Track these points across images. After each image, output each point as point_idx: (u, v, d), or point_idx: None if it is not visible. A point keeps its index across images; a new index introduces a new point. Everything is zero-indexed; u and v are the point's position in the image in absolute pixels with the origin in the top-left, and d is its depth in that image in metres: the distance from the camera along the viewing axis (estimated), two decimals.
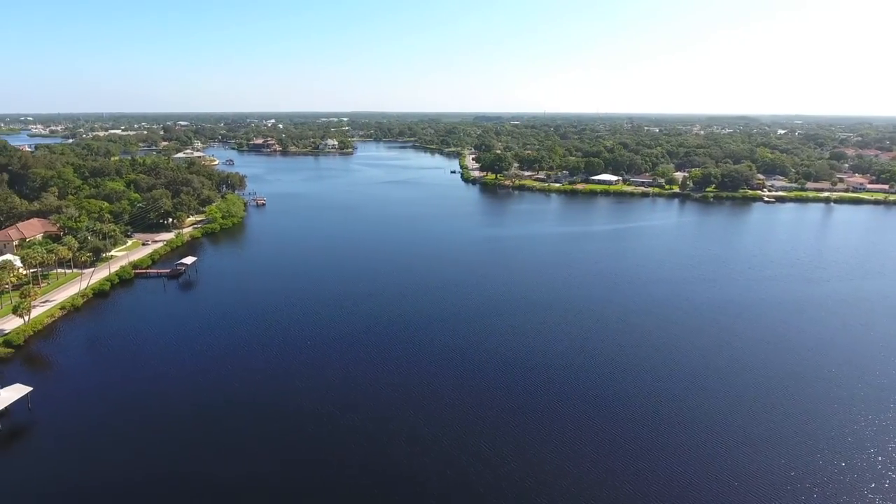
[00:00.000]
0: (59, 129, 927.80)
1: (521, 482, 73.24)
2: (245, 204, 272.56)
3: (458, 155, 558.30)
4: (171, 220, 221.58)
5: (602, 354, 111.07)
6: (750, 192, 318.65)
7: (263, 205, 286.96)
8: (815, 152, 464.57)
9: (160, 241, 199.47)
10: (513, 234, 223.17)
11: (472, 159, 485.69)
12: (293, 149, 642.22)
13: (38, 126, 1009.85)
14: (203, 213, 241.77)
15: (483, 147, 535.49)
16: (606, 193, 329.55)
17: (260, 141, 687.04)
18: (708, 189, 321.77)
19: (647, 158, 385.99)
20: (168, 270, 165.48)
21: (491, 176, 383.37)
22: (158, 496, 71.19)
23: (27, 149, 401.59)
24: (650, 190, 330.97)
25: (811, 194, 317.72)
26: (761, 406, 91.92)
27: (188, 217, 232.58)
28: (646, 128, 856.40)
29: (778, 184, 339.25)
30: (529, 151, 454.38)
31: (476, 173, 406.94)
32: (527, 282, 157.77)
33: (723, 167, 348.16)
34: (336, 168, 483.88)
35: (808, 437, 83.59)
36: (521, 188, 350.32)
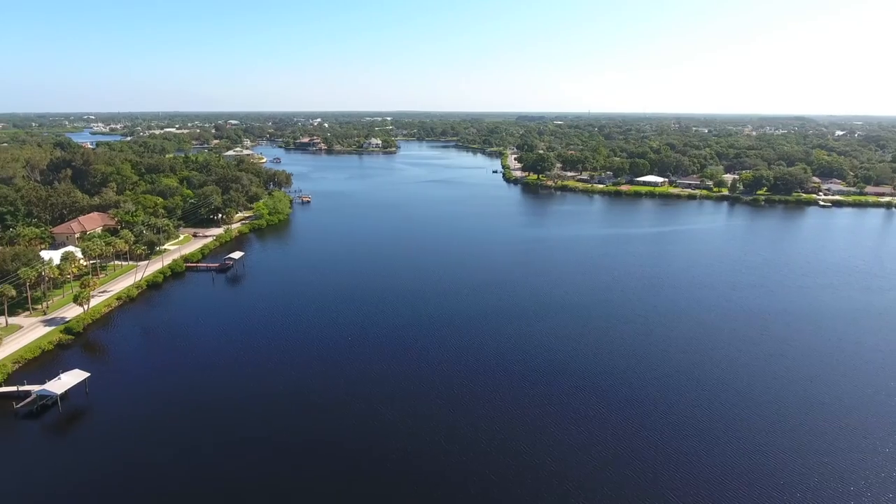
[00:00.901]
0: (118, 127, 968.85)
1: (559, 485, 72.69)
2: (291, 201, 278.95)
3: (500, 155, 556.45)
4: (220, 215, 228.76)
5: (645, 360, 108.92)
6: (804, 195, 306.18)
7: (308, 202, 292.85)
8: (875, 155, 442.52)
9: (210, 236, 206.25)
10: (554, 235, 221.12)
11: (514, 159, 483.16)
12: (338, 147, 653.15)
13: (100, 124, 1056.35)
14: (251, 209, 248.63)
15: (525, 147, 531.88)
16: (651, 195, 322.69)
17: (306, 139, 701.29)
18: (759, 192, 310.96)
19: (695, 160, 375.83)
20: (217, 264, 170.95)
21: (533, 176, 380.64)
22: (203, 479, 73.91)
23: (89, 146, 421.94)
24: (697, 192, 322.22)
25: (871, 199, 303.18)
26: (814, 421, 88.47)
27: (237, 213, 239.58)
28: (694, 128, 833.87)
29: (835, 187, 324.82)
30: (572, 152, 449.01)
31: (518, 173, 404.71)
32: (568, 284, 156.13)
33: (776, 169, 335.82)
34: (379, 167, 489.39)
35: (869, 460, 79.98)
36: (564, 189, 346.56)
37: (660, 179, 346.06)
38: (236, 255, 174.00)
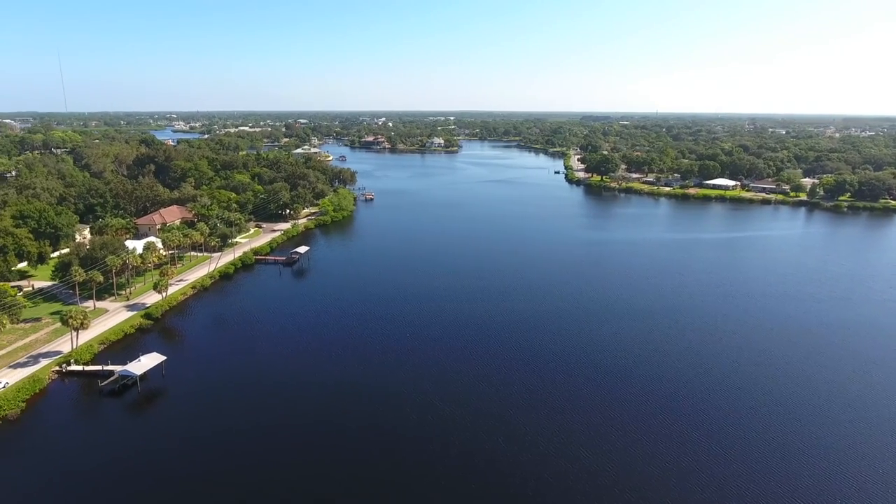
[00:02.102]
0: (197, 125, 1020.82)
1: (619, 494, 70.98)
2: (355, 198, 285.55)
3: (563, 155, 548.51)
4: (288, 211, 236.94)
5: (715, 370, 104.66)
6: (893, 202, 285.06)
7: (372, 199, 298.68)
8: None
9: (278, 230, 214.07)
10: (617, 239, 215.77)
11: (578, 160, 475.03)
12: (401, 146, 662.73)
13: (181, 122, 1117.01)
14: (317, 205, 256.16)
15: (589, 147, 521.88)
16: (722, 199, 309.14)
17: (371, 138, 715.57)
18: (841, 198, 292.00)
19: (771, 162, 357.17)
20: (284, 258, 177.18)
21: (596, 177, 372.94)
22: (264, 456, 76.94)
23: (171, 143, 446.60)
24: (772, 197, 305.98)
25: None
26: None
27: (303, 209, 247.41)
28: (770, 130, 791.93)
29: None
30: (638, 153, 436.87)
31: (581, 174, 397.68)
32: (632, 288, 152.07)
33: (861, 174, 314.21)
34: (441, 166, 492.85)
35: None
36: (628, 191, 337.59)
37: (731, 183, 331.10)
38: (302, 249, 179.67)
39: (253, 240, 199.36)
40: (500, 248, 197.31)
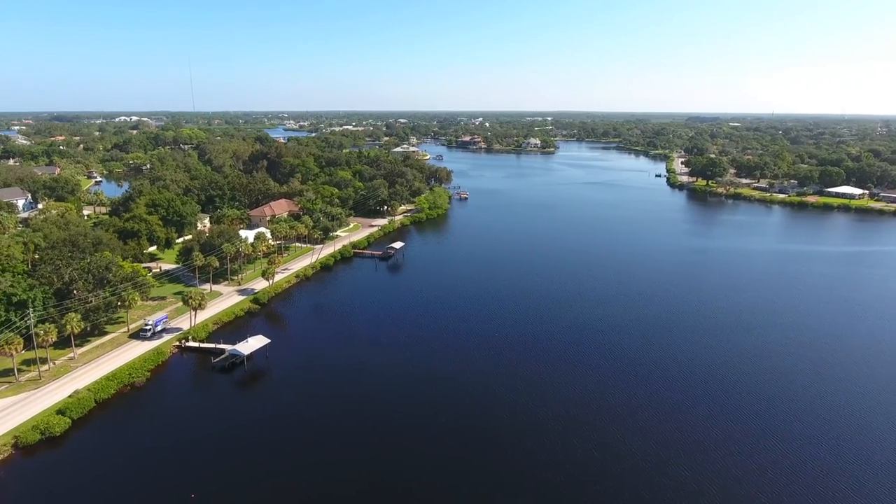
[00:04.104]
0: (306, 124, 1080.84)
1: None
2: (450, 197, 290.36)
3: (666, 158, 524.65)
4: (385, 207, 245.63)
5: (836, 398, 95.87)
6: None
7: (466, 198, 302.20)
8: None
9: (375, 225, 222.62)
10: (723, 247, 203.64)
11: (681, 163, 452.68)
12: (497, 146, 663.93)
13: (291, 121, 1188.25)
14: (413, 203, 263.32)
15: (695, 150, 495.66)
16: (846, 209, 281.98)
17: (467, 138, 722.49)
18: None
19: None
20: (380, 253, 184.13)
21: (701, 182, 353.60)
22: (353, 443, 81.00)
23: (282, 141, 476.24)
24: None
25: None
26: None
27: (400, 206, 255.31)
28: None
29: None
30: (749, 157, 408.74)
31: (684, 178, 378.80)
32: (738, 301, 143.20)
33: None
34: (536, 166, 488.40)
35: None
36: (736, 197, 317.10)
37: (858, 191, 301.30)
38: (397, 244, 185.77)
39: (352, 234, 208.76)
40: (596, 253, 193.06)
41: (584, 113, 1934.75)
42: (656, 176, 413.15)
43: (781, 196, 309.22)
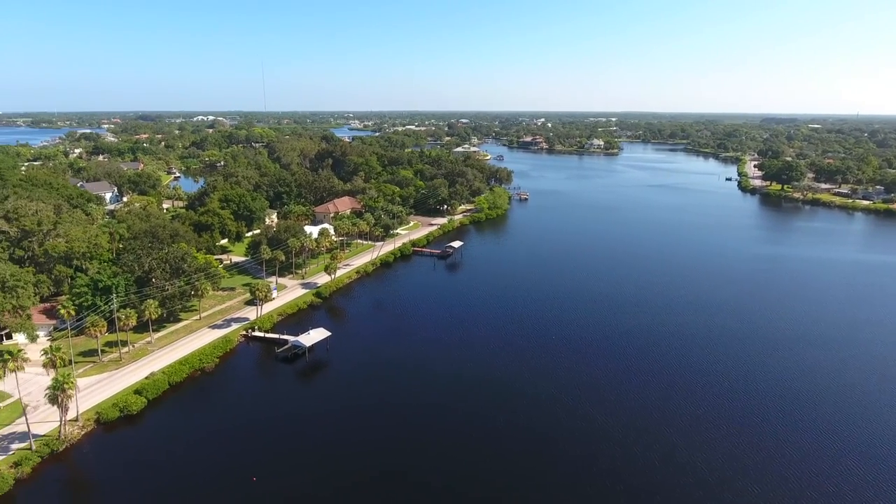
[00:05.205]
0: (370, 123, 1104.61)
1: None
2: (510, 197, 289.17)
3: (737, 161, 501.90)
4: (445, 206, 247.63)
5: None
6: None
7: (526, 199, 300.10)
8: None
9: (435, 224, 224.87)
10: (797, 256, 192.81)
11: (754, 166, 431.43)
12: (559, 147, 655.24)
13: (356, 121, 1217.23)
14: (472, 202, 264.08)
15: (769, 153, 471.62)
16: None
17: (529, 139, 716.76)
18: None
19: None
20: (439, 251, 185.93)
21: (776, 186, 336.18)
22: (410, 438, 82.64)
23: (346, 140, 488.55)
24: None
25: None
26: None
27: (460, 205, 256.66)
28: None
29: None
30: (830, 160, 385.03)
31: (757, 182, 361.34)
32: (815, 313, 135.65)
33: None
34: (599, 168, 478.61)
35: None
36: (814, 203, 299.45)
37: None
38: (456, 244, 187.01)
39: (412, 232, 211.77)
40: (659, 258, 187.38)
41: (650, 114, 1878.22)
42: (726, 179, 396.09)
43: (865, 202, 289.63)
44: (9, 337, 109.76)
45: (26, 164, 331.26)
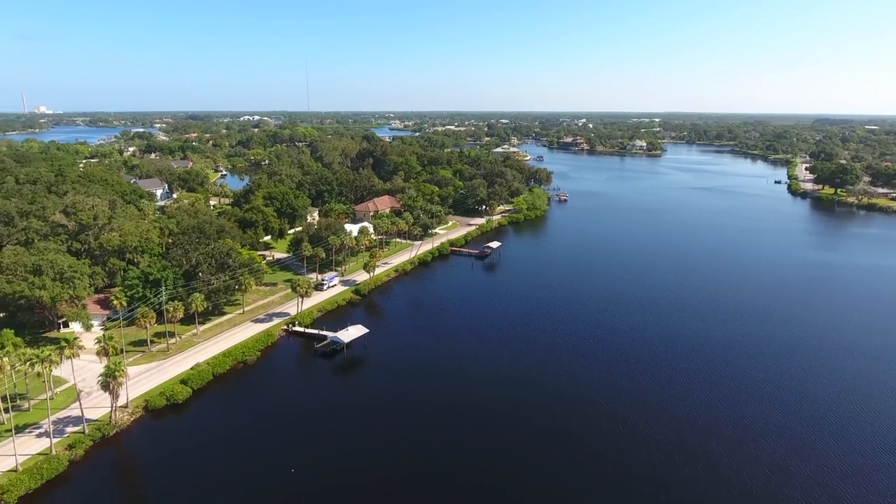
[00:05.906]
0: (410, 123, 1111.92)
1: None
2: (549, 198, 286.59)
3: (787, 163, 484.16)
4: (484, 207, 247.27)
5: None
6: None
7: (565, 201, 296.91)
8: None
9: (473, 224, 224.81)
10: (851, 263, 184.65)
11: (805, 169, 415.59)
12: (600, 148, 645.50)
13: (397, 121, 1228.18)
14: (511, 203, 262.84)
15: (822, 155, 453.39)
16: None
17: (569, 139, 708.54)
18: None
19: None
20: (477, 251, 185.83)
21: (829, 190, 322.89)
22: (443, 436, 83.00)
23: (387, 139, 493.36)
24: None
25: None
26: None
27: (498, 206, 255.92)
28: None
29: None
30: (889, 163, 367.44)
31: (808, 185, 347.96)
32: (868, 323, 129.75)
33: None
34: (641, 170, 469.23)
35: None
36: (870, 208, 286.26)
37: None
38: (494, 244, 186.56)
39: (450, 232, 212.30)
40: (703, 263, 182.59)
41: (695, 114, 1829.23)
42: (775, 182, 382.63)
43: None
44: (66, 325, 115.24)
45: (84, 161, 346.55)
